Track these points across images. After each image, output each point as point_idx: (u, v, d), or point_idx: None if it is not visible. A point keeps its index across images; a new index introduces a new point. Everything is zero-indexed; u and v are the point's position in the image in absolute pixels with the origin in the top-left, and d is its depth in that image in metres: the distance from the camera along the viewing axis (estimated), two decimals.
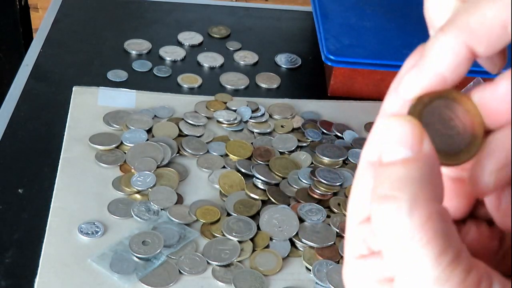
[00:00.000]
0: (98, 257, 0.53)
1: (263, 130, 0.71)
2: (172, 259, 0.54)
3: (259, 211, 0.60)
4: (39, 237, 0.55)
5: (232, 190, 0.62)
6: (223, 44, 0.88)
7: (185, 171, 0.64)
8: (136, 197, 0.60)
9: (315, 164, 0.66)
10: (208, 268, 0.54)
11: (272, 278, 0.54)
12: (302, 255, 0.56)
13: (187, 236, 0.56)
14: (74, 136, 0.67)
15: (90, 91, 0.74)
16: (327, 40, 0.76)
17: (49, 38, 0.86)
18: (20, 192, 0.60)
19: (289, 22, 0.96)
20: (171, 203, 0.59)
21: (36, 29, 1.60)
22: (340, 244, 0.57)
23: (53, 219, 0.57)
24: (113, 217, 0.58)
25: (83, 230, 0.56)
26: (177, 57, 0.84)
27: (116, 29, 0.90)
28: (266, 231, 0.58)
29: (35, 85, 0.76)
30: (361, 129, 0.73)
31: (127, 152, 0.65)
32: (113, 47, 0.85)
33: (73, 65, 0.80)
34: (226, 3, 1.02)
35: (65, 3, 0.94)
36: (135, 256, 0.54)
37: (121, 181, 0.61)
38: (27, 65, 0.79)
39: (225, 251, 0.55)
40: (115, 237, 0.56)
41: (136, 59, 0.83)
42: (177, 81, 0.79)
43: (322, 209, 0.60)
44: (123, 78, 0.78)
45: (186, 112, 0.72)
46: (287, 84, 0.81)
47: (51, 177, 0.61)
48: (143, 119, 0.69)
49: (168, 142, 0.66)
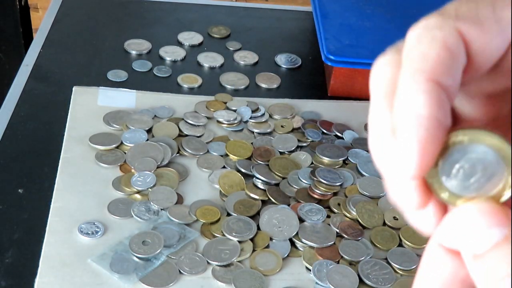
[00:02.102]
0: (98, 257, 0.53)
1: (263, 130, 0.71)
2: (172, 259, 0.54)
3: (259, 211, 0.60)
4: (39, 237, 0.55)
5: (232, 190, 0.62)
6: (223, 44, 0.88)
7: (185, 171, 0.64)
8: (136, 197, 0.60)
9: (315, 164, 0.66)
10: (208, 268, 0.54)
11: (272, 278, 0.54)
12: (302, 255, 0.56)
13: (187, 236, 0.56)
14: (74, 136, 0.67)
15: (90, 91, 0.74)
16: (327, 40, 0.76)
17: (49, 38, 0.86)
18: (20, 192, 0.60)
19: (289, 22, 0.96)
20: (171, 203, 0.60)
21: (36, 29, 1.60)
22: (340, 244, 0.57)
23: (53, 219, 0.57)
24: (113, 217, 0.58)
25: (83, 230, 0.56)
26: (177, 57, 0.84)
27: (116, 29, 0.90)
28: (266, 231, 0.58)
29: (35, 85, 0.76)
30: (361, 129, 0.73)
31: (127, 152, 0.65)
32: (113, 47, 0.85)
33: (73, 65, 0.80)
34: (226, 3, 1.02)
35: (65, 3, 0.94)
36: (135, 256, 0.54)
37: (121, 181, 0.61)
38: (27, 65, 0.79)
39: (225, 251, 0.55)
40: (115, 237, 0.56)
41: (136, 59, 0.83)
42: (177, 81, 0.79)
43: (322, 209, 0.60)
44: (123, 78, 0.78)
45: (186, 112, 0.72)
46: (287, 84, 0.81)
47: (51, 177, 0.61)
48: (143, 119, 0.69)
49: (168, 142, 0.66)
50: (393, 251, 0.57)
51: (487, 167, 0.22)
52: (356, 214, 0.60)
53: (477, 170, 0.22)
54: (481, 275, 0.20)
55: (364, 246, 0.57)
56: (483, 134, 0.22)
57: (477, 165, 0.22)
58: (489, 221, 0.20)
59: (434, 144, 0.21)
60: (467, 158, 0.22)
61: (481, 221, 0.20)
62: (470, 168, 0.22)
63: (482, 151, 0.22)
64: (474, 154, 0.22)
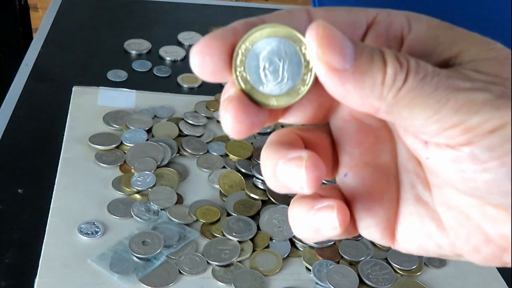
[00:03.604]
0: (98, 257, 0.53)
1: (263, 130, 0.71)
2: (172, 259, 0.54)
3: (259, 211, 0.60)
4: (39, 237, 0.55)
5: (232, 190, 0.62)
6: None
7: (185, 171, 0.64)
8: (136, 197, 0.60)
9: None
10: (208, 268, 0.54)
11: (272, 278, 0.54)
12: (302, 255, 0.56)
13: (187, 236, 0.56)
14: (74, 136, 0.67)
15: (90, 91, 0.74)
16: None
17: (49, 38, 0.86)
18: (20, 192, 0.60)
19: None
20: (171, 203, 0.59)
21: (36, 29, 1.60)
22: (340, 244, 0.57)
23: (53, 219, 0.57)
24: (113, 217, 0.58)
25: (83, 230, 0.56)
26: (177, 57, 0.84)
27: (116, 29, 0.90)
28: (266, 231, 0.58)
29: (35, 85, 0.76)
30: None
31: (127, 152, 0.65)
32: (113, 47, 0.85)
33: (73, 65, 0.80)
34: (226, 3, 1.02)
35: (65, 3, 0.94)
36: (135, 256, 0.53)
37: (121, 181, 0.61)
38: (26, 65, 0.79)
39: (225, 251, 0.55)
40: (115, 237, 0.56)
41: (136, 59, 0.83)
42: (177, 81, 0.79)
43: None
44: (123, 78, 0.78)
45: (186, 112, 0.72)
46: None
47: (51, 177, 0.61)
48: (143, 119, 0.69)
49: (168, 142, 0.66)
50: (393, 251, 0.57)
51: (282, 54, 0.22)
52: None
53: (277, 62, 0.22)
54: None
55: (364, 246, 0.57)
56: (256, 30, 0.22)
57: (272, 58, 0.22)
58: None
59: (219, 39, 0.22)
60: (262, 58, 0.22)
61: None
62: (271, 66, 0.22)
63: (265, 44, 0.22)
64: (264, 51, 0.22)
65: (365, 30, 0.25)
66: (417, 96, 0.21)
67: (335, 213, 0.23)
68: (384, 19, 0.24)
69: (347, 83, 0.21)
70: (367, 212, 0.25)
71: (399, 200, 0.25)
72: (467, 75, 0.21)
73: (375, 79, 0.21)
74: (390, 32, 0.24)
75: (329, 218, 0.23)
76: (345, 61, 0.21)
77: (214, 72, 0.22)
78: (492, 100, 0.21)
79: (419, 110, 0.21)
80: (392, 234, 0.26)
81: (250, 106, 0.23)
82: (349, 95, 0.21)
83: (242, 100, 0.23)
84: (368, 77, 0.21)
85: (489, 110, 0.20)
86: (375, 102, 0.21)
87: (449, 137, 0.21)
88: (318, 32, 0.21)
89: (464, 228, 0.24)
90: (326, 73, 0.21)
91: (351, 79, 0.21)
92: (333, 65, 0.21)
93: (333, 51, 0.21)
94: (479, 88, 0.21)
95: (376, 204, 0.25)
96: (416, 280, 0.55)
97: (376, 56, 0.21)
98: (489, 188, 0.21)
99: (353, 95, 0.21)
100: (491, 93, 0.21)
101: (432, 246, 0.25)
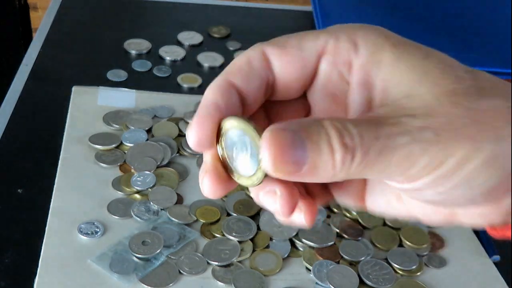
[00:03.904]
0: (98, 257, 0.53)
1: None
2: (172, 259, 0.54)
3: (259, 211, 0.60)
4: (38, 237, 0.55)
5: (232, 190, 0.62)
6: (223, 44, 0.88)
7: (185, 171, 0.64)
8: (136, 197, 0.60)
9: None
10: (208, 268, 0.54)
11: (272, 278, 0.54)
12: (302, 255, 0.56)
13: (187, 236, 0.56)
14: (74, 136, 0.67)
15: (89, 91, 0.74)
16: None
17: (48, 38, 0.86)
18: (20, 192, 0.60)
19: (289, 22, 0.96)
20: (171, 203, 0.59)
21: (35, 28, 1.60)
22: (340, 244, 0.57)
23: (53, 219, 0.57)
24: (113, 217, 0.58)
25: (83, 230, 0.56)
26: (177, 57, 0.84)
27: (116, 29, 0.90)
28: (266, 231, 0.57)
29: (34, 85, 0.76)
30: None
31: (127, 152, 0.65)
32: (113, 47, 0.85)
33: (73, 65, 0.80)
34: (226, 3, 1.02)
35: (65, 3, 0.94)
36: (135, 256, 0.53)
37: (121, 181, 0.61)
38: (26, 65, 0.79)
39: (225, 251, 0.55)
40: (115, 237, 0.56)
41: (136, 59, 0.83)
42: (177, 81, 0.79)
43: (322, 209, 0.60)
44: (123, 78, 0.78)
45: (186, 112, 0.72)
46: None
47: (51, 177, 0.61)
48: (143, 119, 0.69)
49: (168, 142, 0.66)
50: (393, 251, 0.57)
51: (243, 145, 0.26)
52: (356, 214, 0.60)
53: (243, 150, 0.26)
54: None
55: (364, 246, 0.57)
56: (231, 120, 0.26)
57: (238, 145, 0.26)
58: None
59: (208, 120, 0.27)
60: (232, 142, 0.27)
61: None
62: (239, 151, 0.26)
63: (235, 133, 0.26)
64: (234, 138, 0.26)
65: (316, 61, 0.28)
66: (366, 166, 0.24)
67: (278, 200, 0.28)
68: (332, 48, 0.28)
69: (301, 178, 0.24)
70: (339, 188, 0.30)
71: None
72: (403, 127, 0.24)
73: (326, 167, 0.24)
74: (339, 59, 0.27)
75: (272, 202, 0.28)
76: (298, 167, 0.23)
77: (205, 146, 0.27)
78: (431, 143, 0.23)
79: (370, 173, 0.24)
80: (362, 201, 0.30)
81: (222, 176, 0.28)
82: (304, 180, 0.24)
83: (215, 171, 0.28)
84: (320, 168, 0.24)
85: (427, 157, 0.23)
86: (330, 179, 0.24)
87: (400, 185, 0.25)
88: (270, 147, 0.23)
89: (416, 202, 0.27)
90: (282, 177, 0.24)
91: (305, 175, 0.24)
92: (288, 173, 0.24)
93: (287, 164, 0.23)
94: (415, 139, 0.23)
95: (347, 182, 0.29)
96: (416, 280, 0.55)
97: (323, 145, 0.23)
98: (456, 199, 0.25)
99: (308, 179, 0.24)
100: (427, 139, 0.23)
101: (394, 212, 0.29)
